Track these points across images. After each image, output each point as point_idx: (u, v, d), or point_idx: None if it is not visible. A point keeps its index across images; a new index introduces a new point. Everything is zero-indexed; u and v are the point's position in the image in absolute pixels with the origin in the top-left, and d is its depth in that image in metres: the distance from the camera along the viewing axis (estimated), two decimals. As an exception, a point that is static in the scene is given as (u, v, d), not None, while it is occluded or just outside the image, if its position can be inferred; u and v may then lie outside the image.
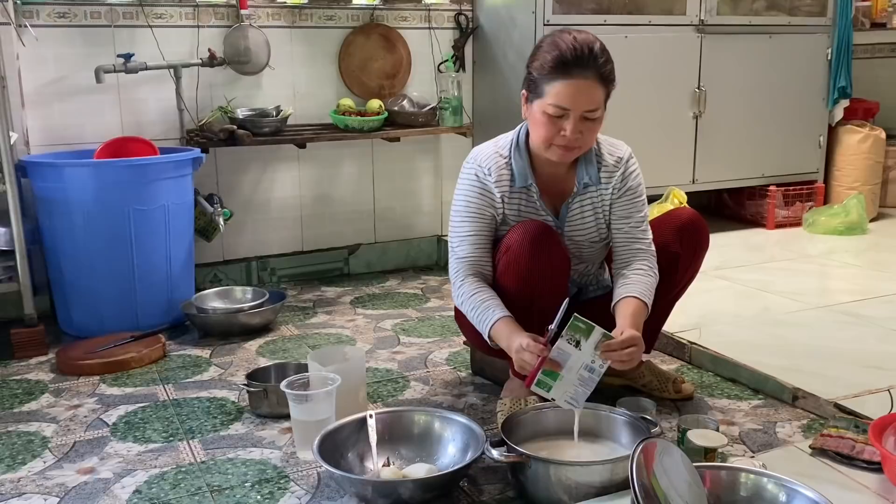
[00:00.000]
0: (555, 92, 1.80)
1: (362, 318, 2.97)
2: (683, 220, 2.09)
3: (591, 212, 2.01)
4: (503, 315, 1.84)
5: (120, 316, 2.75)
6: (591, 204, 2.01)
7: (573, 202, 2.00)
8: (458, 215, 1.98)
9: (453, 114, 3.38)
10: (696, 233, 2.09)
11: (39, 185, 2.71)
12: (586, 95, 1.80)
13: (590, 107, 1.81)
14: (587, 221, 2.02)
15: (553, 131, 1.83)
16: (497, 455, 1.62)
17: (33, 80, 2.93)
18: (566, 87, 1.79)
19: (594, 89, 1.81)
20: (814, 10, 4.02)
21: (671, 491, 1.38)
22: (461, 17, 3.56)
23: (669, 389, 2.17)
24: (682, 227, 2.07)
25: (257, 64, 3.20)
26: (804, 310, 2.79)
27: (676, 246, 2.05)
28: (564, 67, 1.79)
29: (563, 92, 1.79)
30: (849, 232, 3.89)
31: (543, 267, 1.88)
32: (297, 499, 1.70)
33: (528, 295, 1.90)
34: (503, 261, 1.92)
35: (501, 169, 1.96)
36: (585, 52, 1.79)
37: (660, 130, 3.68)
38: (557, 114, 1.81)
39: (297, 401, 1.86)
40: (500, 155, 1.97)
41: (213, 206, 3.04)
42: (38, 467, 1.86)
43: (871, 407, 1.97)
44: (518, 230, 1.91)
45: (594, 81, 1.80)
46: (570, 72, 1.79)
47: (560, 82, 1.79)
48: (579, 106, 1.80)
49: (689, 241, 2.07)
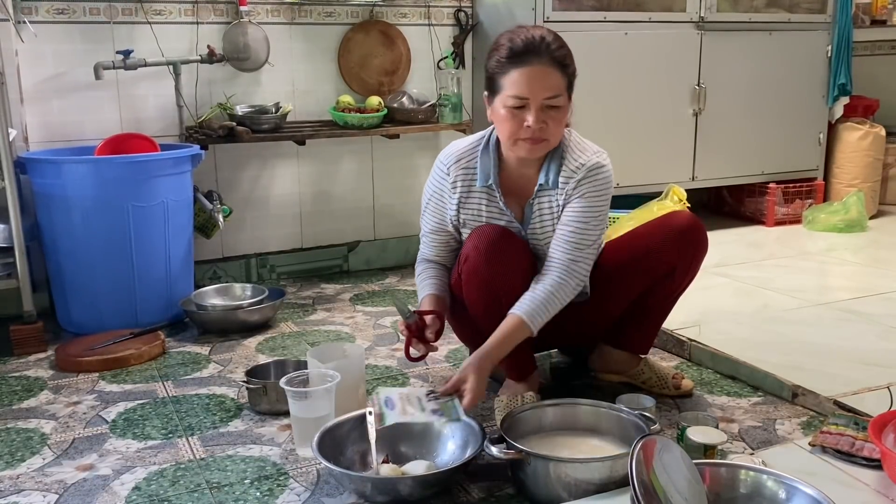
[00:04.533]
0: (511, 82, 1.80)
1: (362, 315, 2.97)
2: (680, 227, 2.03)
3: (549, 215, 1.96)
4: (427, 293, 2.01)
5: (119, 313, 2.74)
6: (548, 207, 1.96)
7: (533, 203, 1.97)
8: (422, 204, 2.07)
9: (453, 110, 3.37)
10: (694, 239, 2.05)
11: (38, 181, 2.71)
12: (542, 81, 1.79)
13: (549, 93, 1.80)
14: (546, 224, 1.97)
15: (516, 125, 1.82)
16: (496, 452, 1.61)
17: (32, 77, 2.92)
18: (521, 76, 1.79)
19: (550, 74, 1.80)
20: (814, 7, 4.02)
21: (671, 488, 1.38)
22: (461, 13, 3.56)
23: (669, 386, 2.16)
24: (679, 235, 2.03)
25: (256, 60, 3.20)
26: (804, 307, 2.79)
27: (673, 255, 2.01)
28: (517, 57, 1.80)
29: (519, 80, 1.79)
30: (848, 229, 3.89)
31: (503, 271, 1.89)
32: (296, 496, 1.70)
33: (494, 300, 1.93)
34: (464, 271, 1.95)
35: (461, 169, 1.97)
36: (537, 39, 1.80)
37: (659, 127, 3.68)
38: (517, 104, 1.81)
39: (296, 398, 1.86)
40: (467, 151, 1.98)
41: (213, 203, 3.04)
42: (38, 464, 1.86)
43: (870, 404, 1.97)
44: (473, 238, 1.93)
45: (549, 67, 1.80)
46: (523, 60, 1.79)
47: (515, 71, 1.80)
48: (537, 93, 1.79)
49: (687, 248, 2.04)
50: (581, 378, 2.31)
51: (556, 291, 1.88)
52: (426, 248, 2.10)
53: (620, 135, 3.55)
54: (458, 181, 1.97)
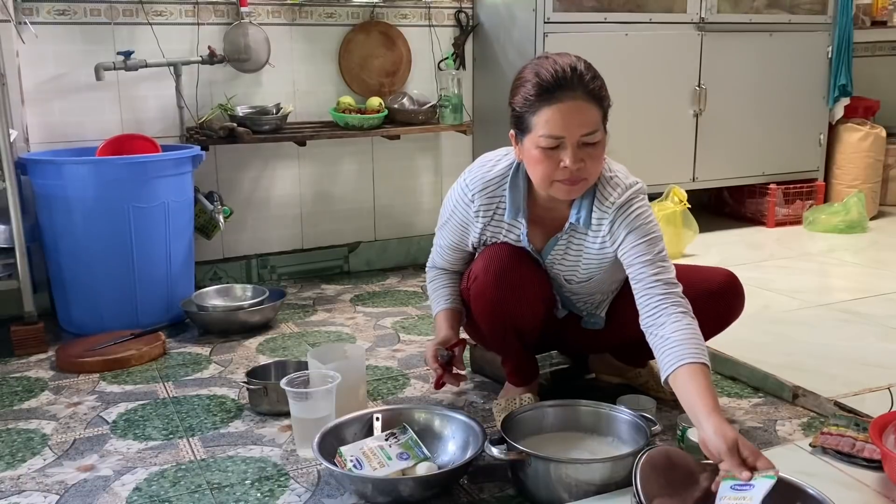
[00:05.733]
0: (543, 121, 1.64)
1: (362, 316, 2.97)
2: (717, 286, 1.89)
3: (574, 254, 1.87)
4: (443, 308, 1.96)
5: (120, 313, 2.74)
6: (576, 247, 1.86)
7: (560, 239, 1.86)
8: (440, 218, 1.98)
9: (453, 112, 3.37)
10: (732, 301, 1.93)
11: (39, 182, 2.71)
12: (578, 118, 1.63)
13: (585, 130, 1.64)
14: (568, 261, 1.89)
15: (552, 167, 1.67)
16: (497, 453, 1.61)
17: (33, 78, 2.93)
18: (554, 114, 1.63)
19: (586, 110, 1.64)
20: (814, 9, 4.02)
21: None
22: (461, 14, 3.56)
23: (666, 390, 2.15)
24: (715, 295, 1.89)
25: (257, 61, 3.20)
26: (804, 308, 2.79)
27: (703, 317, 1.72)
28: (548, 93, 1.63)
29: (553, 119, 1.63)
30: (849, 230, 3.89)
31: (512, 299, 1.85)
32: (296, 496, 1.70)
33: (501, 322, 1.90)
34: (473, 289, 1.91)
35: (487, 197, 1.84)
36: (568, 71, 1.63)
37: (660, 128, 3.68)
38: (552, 145, 1.65)
39: (296, 398, 1.86)
40: (493, 181, 1.84)
41: (213, 204, 3.04)
42: (38, 465, 1.86)
43: (871, 405, 1.97)
44: (484, 257, 1.87)
45: (584, 101, 1.64)
46: (555, 96, 1.63)
47: (547, 109, 1.63)
48: (574, 131, 1.63)
49: (721, 312, 1.93)
50: (580, 379, 2.31)
51: (691, 319, 1.67)
52: (439, 258, 2.03)
53: (621, 136, 3.49)
54: (483, 210, 1.85)
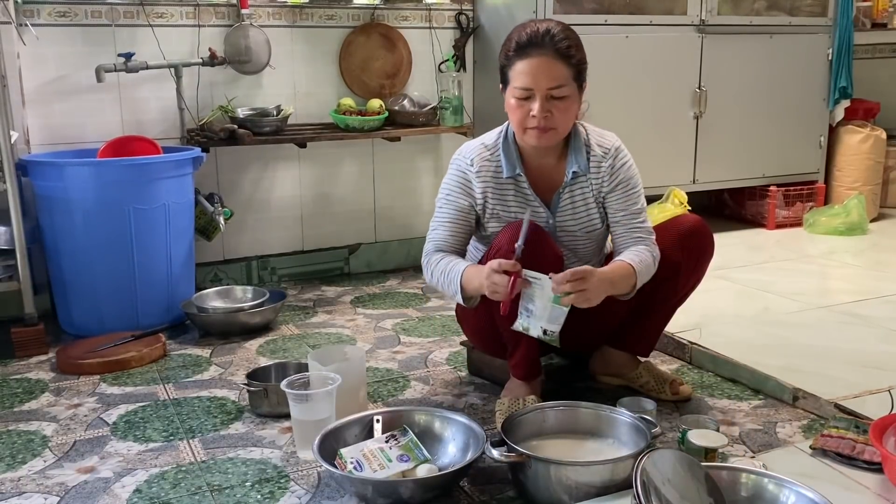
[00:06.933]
0: (517, 74, 1.89)
1: (362, 318, 2.97)
2: (687, 228, 2.08)
3: (581, 201, 2.03)
4: (468, 264, 1.95)
5: (120, 315, 2.75)
6: (581, 193, 2.02)
7: (564, 192, 2.02)
8: (438, 203, 2.07)
9: (454, 113, 3.38)
10: (700, 241, 2.08)
11: (40, 184, 2.71)
12: (546, 72, 1.86)
13: (552, 84, 1.86)
14: (579, 211, 2.03)
15: (524, 115, 1.89)
16: (497, 455, 1.61)
17: (34, 79, 2.93)
18: (525, 67, 1.87)
19: (553, 66, 1.86)
20: (814, 11, 4.03)
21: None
22: (462, 16, 3.56)
23: (666, 391, 2.16)
24: (685, 235, 2.06)
25: (258, 63, 3.20)
26: (805, 310, 2.79)
27: (678, 254, 2.04)
28: (522, 49, 1.88)
29: (524, 71, 1.87)
30: (849, 232, 3.89)
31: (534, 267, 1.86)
32: (297, 498, 1.70)
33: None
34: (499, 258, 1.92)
35: (485, 160, 2.01)
36: (541, 31, 1.88)
37: (660, 130, 3.68)
38: (523, 95, 1.88)
39: (297, 400, 1.86)
40: (486, 147, 2.03)
41: (214, 206, 3.04)
42: (39, 466, 1.86)
43: (871, 407, 1.97)
44: (508, 230, 1.92)
45: (552, 58, 1.86)
46: (527, 52, 1.87)
47: (519, 63, 1.88)
48: (541, 84, 1.86)
49: (693, 250, 2.06)
50: (580, 381, 2.31)
51: (654, 256, 1.97)
52: (440, 237, 2.03)
53: (621, 137, 3.51)
54: (483, 171, 2.00)
